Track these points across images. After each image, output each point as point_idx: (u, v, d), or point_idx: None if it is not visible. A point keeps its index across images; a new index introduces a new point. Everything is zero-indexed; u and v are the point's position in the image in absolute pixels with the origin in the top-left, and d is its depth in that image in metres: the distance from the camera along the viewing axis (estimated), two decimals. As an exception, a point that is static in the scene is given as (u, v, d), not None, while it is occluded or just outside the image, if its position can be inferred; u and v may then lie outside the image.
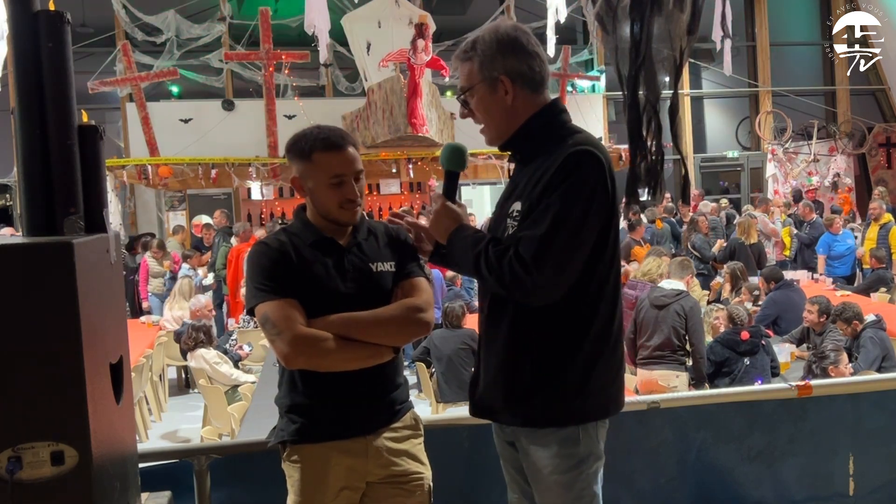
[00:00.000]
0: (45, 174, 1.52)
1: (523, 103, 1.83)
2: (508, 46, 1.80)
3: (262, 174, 11.28)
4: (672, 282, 5.15)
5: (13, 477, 1.33)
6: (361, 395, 1.93)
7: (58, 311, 1.34)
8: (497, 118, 1.86)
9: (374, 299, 1.95)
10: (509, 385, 1.81)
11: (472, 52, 1.83)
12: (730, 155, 15.14)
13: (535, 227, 1.69)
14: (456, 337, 5.74)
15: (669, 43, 1.52)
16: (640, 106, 1.58)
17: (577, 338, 1.76)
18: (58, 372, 1.35)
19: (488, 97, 1.83)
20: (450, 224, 1.86)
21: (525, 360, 1.78)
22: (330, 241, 1.97)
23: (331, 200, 1.94)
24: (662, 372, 4.91)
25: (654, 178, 1.62)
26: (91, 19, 12.27)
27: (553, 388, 1.76)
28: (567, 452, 1.78)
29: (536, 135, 1.83)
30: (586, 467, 1.80)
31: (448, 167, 1.95)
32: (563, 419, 1.78)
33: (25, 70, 1.52)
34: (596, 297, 1.77)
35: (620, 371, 1.88)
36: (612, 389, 1.83)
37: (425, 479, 2.02)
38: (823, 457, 2.70)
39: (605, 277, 1.78)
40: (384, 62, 10.87)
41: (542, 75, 1.84)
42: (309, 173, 1.94)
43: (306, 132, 1.96)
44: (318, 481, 1.91)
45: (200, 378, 5.41)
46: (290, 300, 1.85)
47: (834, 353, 4.40)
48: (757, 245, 8.82)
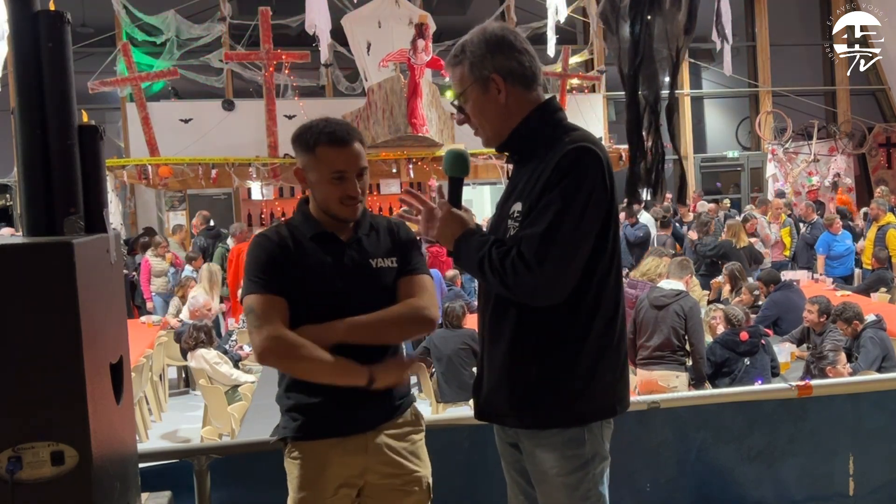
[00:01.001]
0: (45, 174, 1.52)
1: (517, 101, 1.82)
2: (496, 45, 1.80)
3: (262, 174, 11.28)
4: (671, 282, 5.15)
5: (13, 477, 1.33)
6: (362, 393, 1.92)
7: (58, 311, 1.34)
8: (492, 118, 1.85)
9: (372, 295, 1.94)
10: (513, 388, 1.80)
11: (461, 55, 1.83)
12: (730, 155, 15.14)
13: (536, 226, 1.68)
14: (456, 337, 5.74)
15: (667, 42, 1.52)
16: (640, 106, 1.58)
17: (580, 337, 1.76)
18: (58, 372, 1.35)
19: (482, 97, 1.83)
20: (456, 229, 1.85)
21: (529, 361, 1.77)
22: (331, 236, 1.97)
23: (331, 195, 1.93)
24: (662, 372, 4.91)
25: (654, 178, 1.61)
26: (91, 19, 12.28)
27: (558, 389, 1.76)
28: (572, 454, 1.77)
29: (532, 134, 1.82)
30: (592, 468, 1.79)
31: (451, 173, 1.94)
32: (568, 420, 1.77)
33: (26, 70, 1.52)
34: (597, 295, 1.76)
35: (625, 369, 1.87)
36: (617, 387, 1.83)
37: (424, 476, 2.02)
38: (823, 457, 2.70)
39: (605, 274, 1.77)
40: (384, 62, 10.87)
41: (533, 71, 1.83)
42: (312, 166, 1.94)
43: (313, 124, 1.95)
44: (318, 478, 1.91)
45: (200, 378, 5.41)
46: (277, 298, 1.86)
47: (832, 353, 4.40)
48: (748, 248, 8.80)
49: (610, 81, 13.98)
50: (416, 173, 11.84)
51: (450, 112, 11.92)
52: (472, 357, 5.69)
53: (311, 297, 1.89)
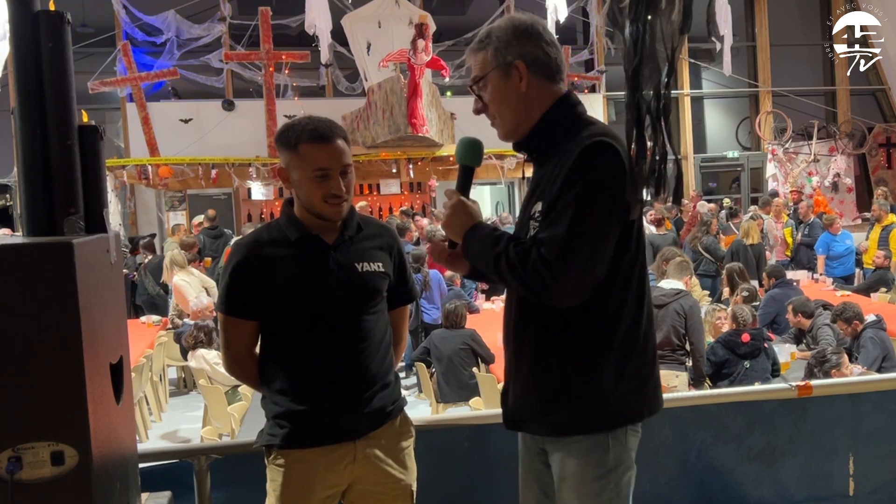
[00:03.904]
0: (45, 174, 1.52)
1: (538, 92, 1.76)
2: (524, 32, 1.75)
3: (262, 174, 11.29)
4: (671, 281, 5.15)
5: (13, 477, 1.33)
6: (350, 401, 1.90)
7: (58, 311, 1.34)
8: (511, 106, 1.77)
9: (359, 299, 1.93)
10: (538, 394, 1.76)
11: (486, 40, 1.77)
12: (730, 155, 15.14)
13: (556, 227, 1.61)
14: (456, 337, 5.74)
15: (663, 42, 1.50)
16: (641, 106, 1.56)
17: (605, 340, 1.70)
18: (58, 372, 1.35)
19: (502, 84, 1.76)
20: (466, 220, 1.79)
21: (553, 366, 1.72)
22: (315, 239, 1.92)
23: (314, 194, 1.88)
24: (662, 372, 4.90)
25: (657, 178, 1.59)
26: (91, 19, 12.28)
27: (581, 394, 1.71)
28: (595, 461, 1.72)
29: (551, 131, 1.76)
30: (616, 476, 1.73)
31: (463, 162, 1.87)
32: (592, 426, 1.72)
33: (26, 70, 1.51)
34: (622, 296, 1.70)
35: (653, 372, 1.79)
36: (645, 391, 1.76)
37: (409, 485, 2.00)
38: (823, 457, 2.69)
39: (629, 274, 1.71)
40: (384, 62, 10.88)
41: (558, 64, 1.78)
42: (294, 164, 1.89)
43: (295, 122, 1.92)
44: (303, 487, 1.89)
45: (200, 378, 5.41)
46: (238, 321, 1.93)
47: (835, 355, 4.39)
48: (757, 246, 8.85)
49: (610, 81, 13.99)
50: (416, 173, 11.85)
51: (450, 112, 11.93)
52: (472, 357, 5.70)
53: (294, 303, 1.88)
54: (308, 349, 1.90)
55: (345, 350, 1.91)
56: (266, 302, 1.89)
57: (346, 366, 1.91)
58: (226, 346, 1.98)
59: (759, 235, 8.94)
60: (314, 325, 1.89)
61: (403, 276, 2.09)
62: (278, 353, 1.93)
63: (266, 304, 1.89)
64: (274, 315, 1.90)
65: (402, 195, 12.66)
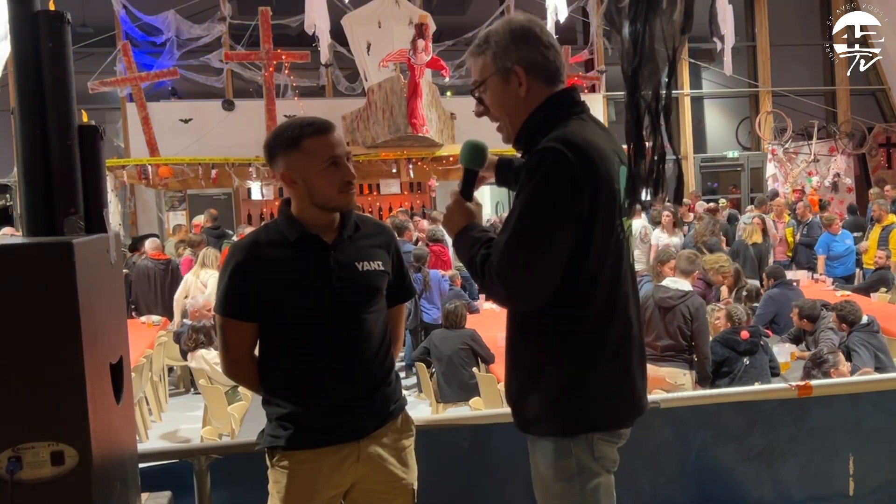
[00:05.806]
0: (45, 174, 1.52)
1: (536, 96, 1.76)
2: (522, 36, 1.74)
3: (262, 174, 11.28)
4: (677, 280, 5.12)
5: (13, 477, 1.33)
6: (354, 400, 1.91)
7: (58, 311, 1.34)
8: (511, 111, 1.78)
9: (360, 298, 1.94)
10: (509, 389, 1.82)
11: (485, 45, 1.77)
12: (730, 155, 15.14)
13: (504, 232, 1.66)
14: (456, 337, 5.74)
15: (664, 42, 1.50)
16: (640, 106, 1.56)
17: (561, 344, 1.69)
18: (58, 372, 1.35)
19: (501, 89, 1.77)
20: (460, 221, 1.83)
21: (520, 365, 1.78)
22: (314, 238, 1.92)
23: (330, 185, 1.87)
24: (670, 369, 4.92)
25: (655, 179, 1.59)
26: (91, 19, 12.28)
27: (543, 398, 1.73)
28: (561, 464, 1.73)
29: (535, 131, 1.76)
30: (580, 482, 1.72)
31: (466, 164, 1.88)
32: (553, 429, 1.73)
33: (26, 70, 1.52)
34: (583, 301, 1.68)
35: (624, 382, 1.75)
36: (614, 402, 1.73)
37: (410, 483, 2.01)
38: (823, 457, 2.69)
39: (593, 278, 1.67)
40: (384, 62, 10.87)
41: (556, 66, 1.77)
42: (299, 162, 1.87)
43: (286, 124, 1.91)
44: (308, 488, 1.89)
45: (200, 378, 5.41)
46: (237, 323, 1.92)
47: (831, 355, 4.40)
48: (759, 246, 8.87)
49: (610, 81, 13.99)
50: (416, 173, 11.84)
51: (450, 112, 11.93)
52: (472, 357, 5.70)
53: (296, 302, 1.88)
54: (311, 349, 1.90)
55: (348, 349, 1.91)
56: (267, 303, 1.88)
57: (350, 365, 1.91)
58: (224, 349, 1.96)
59: (761, 235, 8.96)
60: (316, 325, 1.89)
61: (401, 273, 2.10)
62: (280, 354, 1.93)
63: (267, 305, 1.89)
64: (275, 316, 1.90)
65: (401, 195, 12.66)
